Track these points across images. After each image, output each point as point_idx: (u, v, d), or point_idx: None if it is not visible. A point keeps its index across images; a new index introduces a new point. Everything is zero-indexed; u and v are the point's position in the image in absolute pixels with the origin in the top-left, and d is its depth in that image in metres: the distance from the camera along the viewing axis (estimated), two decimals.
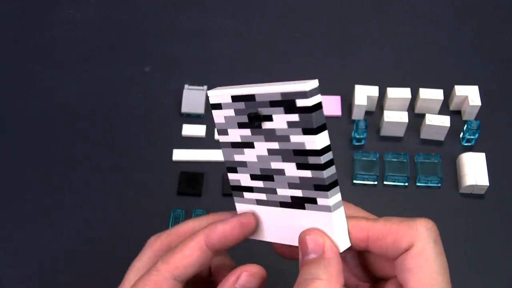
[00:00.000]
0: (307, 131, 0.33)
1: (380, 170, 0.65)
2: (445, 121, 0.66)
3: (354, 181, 0.65)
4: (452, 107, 0.70)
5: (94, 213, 0.63)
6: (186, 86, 0.70)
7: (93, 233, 0.62)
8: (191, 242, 0.38)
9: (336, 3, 0.81)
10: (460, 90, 0.69)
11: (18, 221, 0.63)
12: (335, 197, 0.34)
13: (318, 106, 0.32)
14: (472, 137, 0.67)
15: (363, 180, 0.65)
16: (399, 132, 0.68)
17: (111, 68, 0.74)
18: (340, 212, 0.35)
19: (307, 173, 0.34)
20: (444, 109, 0.70)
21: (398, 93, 0.68)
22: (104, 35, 0.78)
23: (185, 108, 0.69)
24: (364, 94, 0.68)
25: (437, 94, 0.69)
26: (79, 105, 0.71)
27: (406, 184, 0.65)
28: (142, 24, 0.79)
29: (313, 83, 0.32)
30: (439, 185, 0.65)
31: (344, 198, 0.36)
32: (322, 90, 0.32)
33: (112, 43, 0.77)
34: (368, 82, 0.69)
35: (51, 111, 0.71)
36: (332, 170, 0.34)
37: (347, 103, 0.70)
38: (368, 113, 0.70)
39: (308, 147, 0.33)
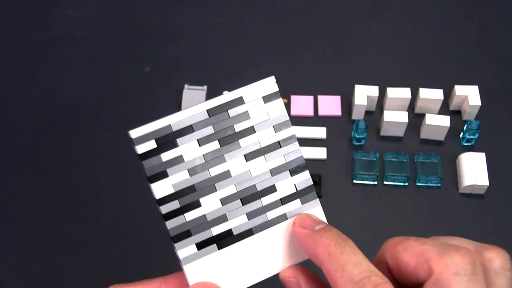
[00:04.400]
0: None
1: (380, 170, 0.65)
2: (445, 121, 0.66)
3: (354, 181, 0.65)
4: (452, 107, 0.70)
5: (94, 213, 0.63)
6: (186, 86, 0.70)
7: (93, 233, 0.62)
8: (149, 282, 0.38)
9: (336, 3, 0.81)
10: (460, 90, 0.69)
11: (18, 221, 0.63)
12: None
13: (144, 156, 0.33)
14: (472, 137, 0.67)
15: (363, 180, 0.65)
16: (399, 132, 0.68)
17: (111, 68, 0.74)
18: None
19: None
20: (444, 109, 0.70)
21: (398, 93, 0.68)
22: (104, 35, 0.78)
23: (185, 108, 0.69)
24: (364, 94, 0.68)
25: (437, 94, 0.69)
26: (79, 105, 0.71)
27: (406, 184, 0.65)
28: (142, 24, 0.79)
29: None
30: (439, 185, 0.65)
31: (344, 198, 0.35)
32: (322, 90, 0.32)
33: (112, 43, 0.77)
34: (368, 82, 0.69)
35: (51, 110, 0.71)
36: None
37: (347, 103, 0.70)
38: (368, 113, 0.70)
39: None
